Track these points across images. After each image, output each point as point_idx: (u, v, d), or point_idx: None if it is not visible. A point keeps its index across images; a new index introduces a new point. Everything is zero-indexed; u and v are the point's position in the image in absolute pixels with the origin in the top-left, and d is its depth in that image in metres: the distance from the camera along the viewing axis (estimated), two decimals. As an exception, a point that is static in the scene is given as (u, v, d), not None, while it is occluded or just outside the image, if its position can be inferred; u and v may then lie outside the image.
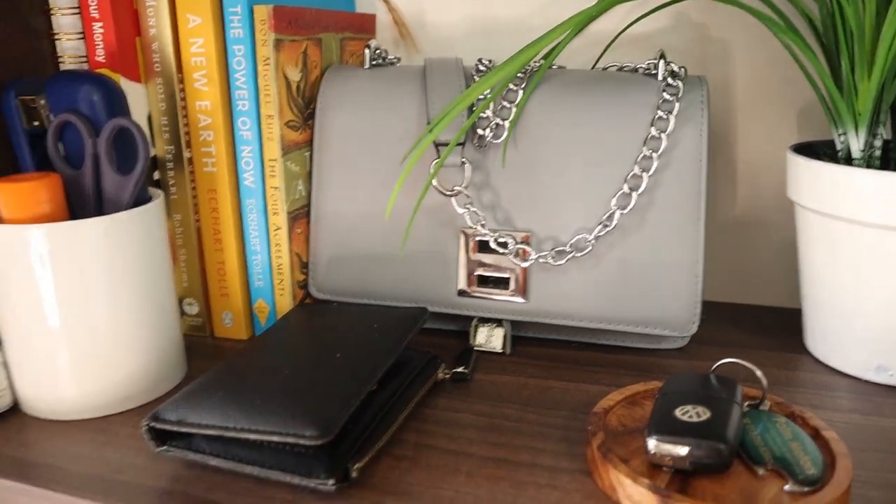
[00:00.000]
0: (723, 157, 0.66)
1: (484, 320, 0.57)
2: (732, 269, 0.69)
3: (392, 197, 0.46)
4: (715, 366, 0.46)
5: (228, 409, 0.40)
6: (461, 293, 0.56)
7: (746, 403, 0.45)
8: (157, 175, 0.57)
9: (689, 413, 0.41)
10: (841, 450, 0.41)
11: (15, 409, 0.50)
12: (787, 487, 0.38)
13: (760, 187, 0.66)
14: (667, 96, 0.54)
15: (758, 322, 0.62)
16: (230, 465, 0.40)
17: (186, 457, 0.41)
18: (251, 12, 0.53)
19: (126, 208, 0.48)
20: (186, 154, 0.56)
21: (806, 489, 0.37)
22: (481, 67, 0.58)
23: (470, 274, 0.56)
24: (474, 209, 0.54)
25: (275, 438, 0.38)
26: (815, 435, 0.42)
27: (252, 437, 0.38)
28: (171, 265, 0.52)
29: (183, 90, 0.55)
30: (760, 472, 0.39)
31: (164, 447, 0.42)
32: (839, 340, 0.53)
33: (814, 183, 0.51)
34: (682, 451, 0.38)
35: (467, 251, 0.56)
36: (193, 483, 0.41)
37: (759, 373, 0.44)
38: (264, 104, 0.55)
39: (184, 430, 0.40)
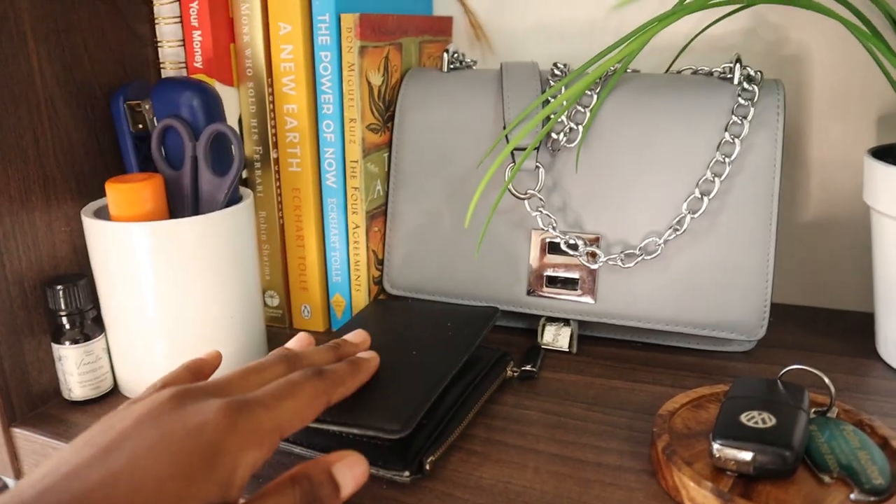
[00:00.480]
0: (799, 159, 0.66)
1: (552, 319, 0.58)
2: (804, 272, 0.68)
3: (471, 207, 0.48)
4: (782, 371, 0.46)
5: (313, 400, 0.43)
6: (530, 292, 0.58)
7: (813, 410, 0.46)
8: (245, 174, 0.61)
9: (755, 418, 0.41)
10: (910, 460, 0.41)
11: (115, 391, 0.54)
12: (852, 496, 0.38)
13: (836, 189, 0.65)
14: (742, 101, 0.54)
15: (829, 325, 0.62)
16: (313, 454, 0.44)
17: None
18: (338, 20, 0.56)
19: (220, 207, 0.51)
20: (273, 154, 0.59)
21: (872, 499, 0.38)
22: (556, 72, 0.59)
23: (539, 274, 0.58)
24: (546, 212, 0.56)
25: (356, 431, 0.41)
26: (884, 444, 0.43)
27: (335, 428, 0.41)
28: (257, 260, 0.56)
29: (272, 94, 0.58)
30: (826, 479, 0.40)
31: None
32: (913, 349, 0.52)
33: (890, 188, 0.51)
34: (747, 456, 0.39)
35: (538, 252, 0.58)
36: (278, 468, 0.44)
37: (826, 379, 0.45)
38: (347, 108, 0.57)
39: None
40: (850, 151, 0.64)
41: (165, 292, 0.49)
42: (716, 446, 0.40)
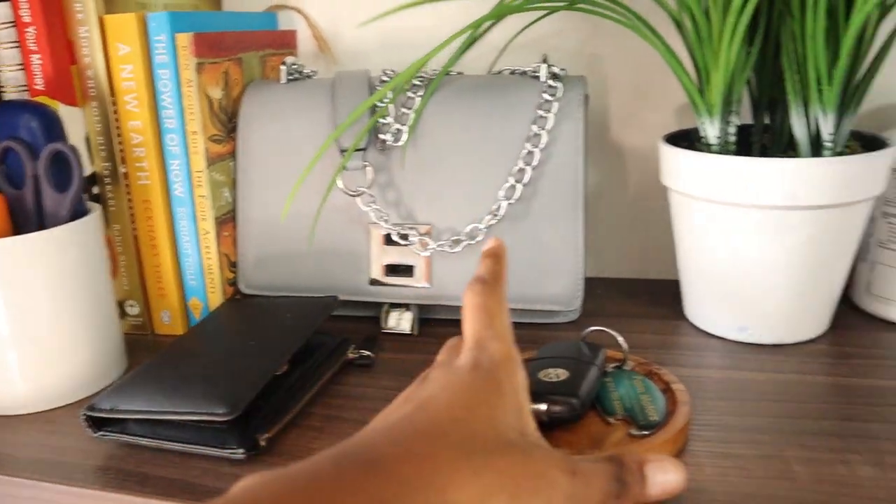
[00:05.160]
0: (612, 146, 0.73)
1: (394, 305, 0.63)
2: (628, 247, 0.75)
3: (287, 203, 0.53)
4: (584, 333, 0.53)
5: (154, 396, 0.47)
6: (372, 282, 0.63)
7: (613, 365, 0.52)
8: (96, 190, 0.63)
9: (550, 375, 0.47)
10: (684, 399, 0.47)
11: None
12: (631, 431, 0.45)
13: (647, 171, 0.73)
14: (547, 97, 0.60)
15: (650, 295, 0.69)
16: (157, 443, 0.47)
17: (121, 439, 0.48)
18: (174, 40, 0.59)
19: (64, 222, 0.54)
20: (122, 169, 0.62)
21: (646, 432, 0.44)
22: (384, 78, 0.64)
23: (379, 264, 0.63)
24: (377, 206, 0.61)
25: (191, 417, 0.45)
26: (666, 388, 0.49)
27: (172, 417, 0.45)
28: (108, 271, 0.59)
29: (116, 112, 0.61)
30: (611, 420, 0.46)
31: (101, 432, 0.48)
32: (709, 306, 0.60)
33: (677, 167, 0.58)
34: (542, 406, 0.45)
35: (377, 244, 0.63)
36: (126, 460, 0.47)
37: (619, 339, 0.51)
38: (189, 122, 0.61)
39: (116, 416, 0.47)
40: (656, 138, 0.71)
41: (14, 307, 0.52)
42: (515, 401, 0.46)
